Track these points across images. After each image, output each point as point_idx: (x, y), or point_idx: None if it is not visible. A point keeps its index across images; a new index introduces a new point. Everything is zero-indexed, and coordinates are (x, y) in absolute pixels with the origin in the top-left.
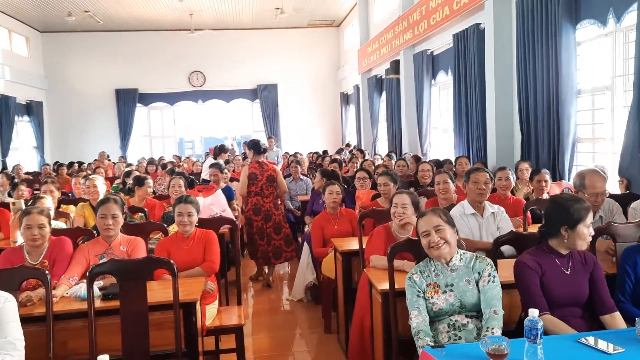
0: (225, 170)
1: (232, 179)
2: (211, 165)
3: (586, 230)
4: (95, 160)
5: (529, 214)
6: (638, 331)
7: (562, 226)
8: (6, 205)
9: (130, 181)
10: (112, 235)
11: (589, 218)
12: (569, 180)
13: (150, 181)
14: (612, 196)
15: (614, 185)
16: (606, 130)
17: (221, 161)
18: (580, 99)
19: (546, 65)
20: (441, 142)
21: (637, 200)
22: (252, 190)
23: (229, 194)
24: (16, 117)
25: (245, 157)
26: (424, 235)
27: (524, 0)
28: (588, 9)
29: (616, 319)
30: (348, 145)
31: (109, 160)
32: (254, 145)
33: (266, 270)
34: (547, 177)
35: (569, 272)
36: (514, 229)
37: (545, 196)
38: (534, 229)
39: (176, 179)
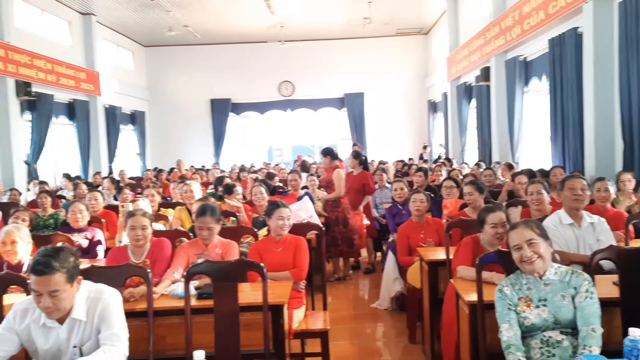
0: (314, 179)
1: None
2: (290, 172)
3: None
4: (157, 168)
5: (631, 227)
6: None
7: None
8: (113, 208)
9: (221, 188)
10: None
11: None
12: None
13: (239, 188)
14: None
15: None
16: None
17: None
18: None
19: None
20: (533, 151)
21: None
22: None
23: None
24: (121, 126)
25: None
26: (515, 249)
27: (627, 3)
28: None
29: None
30: (425, 147)
31: (195, 169)
32: (330, 152)
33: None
34: None
35: None
36: (614, 243)
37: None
38: (636, 243)
39: (257, 187)
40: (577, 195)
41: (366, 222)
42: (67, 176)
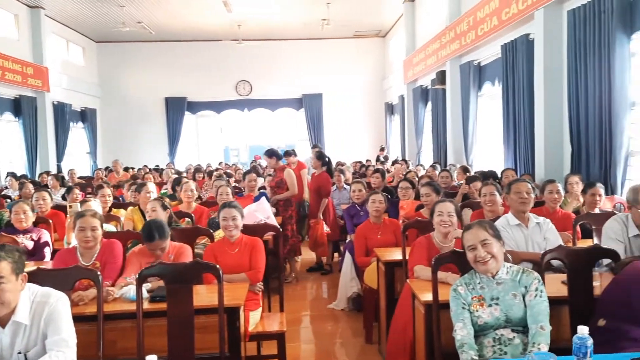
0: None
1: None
2: (247, 172)
3: None
4: (108, 168)
5: (578, 228)
6: None
7: None
8: (62, 208)
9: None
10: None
11: None
12: (621, 195)
13: (191, 184)
14: None
15: None
16: None
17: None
18: (634, 111)
19: (598, 76)
20: (487, 153)
21: None
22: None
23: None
24: (71, 124)
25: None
26: (470, 249)
27: (576, 11)
28: None
29: None
30: (382, 149)
31: (149, 169)
32: (275, 153)
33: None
34: (601, 191)
35: None
36: (561, 242)
37: (597, 211)
38: (583, 243)
39: (224, 187)
40: (523, 199)
41: (326, 229)
42: (12, 175)
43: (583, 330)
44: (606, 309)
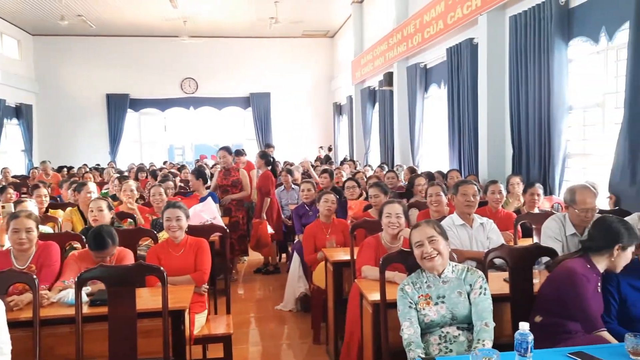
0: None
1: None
2: (192, 172)
3: (631, 254)
4: (34, 168)
5: (519, 227)
6: (627, 347)
7: (617, 244)
8: None
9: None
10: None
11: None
12: (559, 195)
13: (131, 183)
14: (601, 212)
15: (602, 202)
16: (596, 147)
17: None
18: (572, 115)
19: (538, 81)
20: (433, 154)
21: (625, 216)
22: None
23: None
24: (5, 120)
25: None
26: (417, 246)
27: (517, 17)
28: (580, 26)
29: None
30: (330, 149)
31: (89, 168)
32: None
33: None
34: (540, 191)
35: (599, 291)
36: (503, 241)
37: (536, 210)
38: (524, 242)
39: (156, 187)
40: (469, 201)
41: (270, 230)
42: None
43: (524, 326)
44: (542, 306)
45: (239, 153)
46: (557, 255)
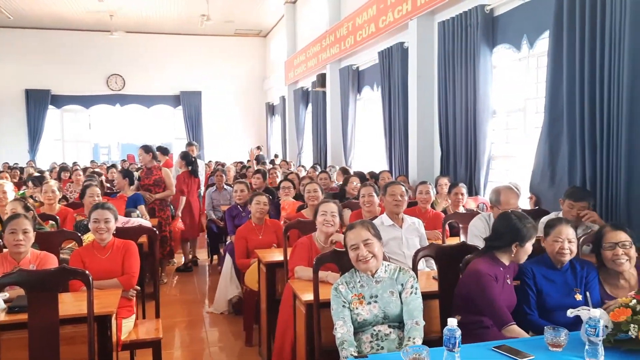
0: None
1: None
2: (119, 171)
3: (530, 246)
4: None
5: (447, 227)
6: (546, 339)
7: (514, 242)
8: None
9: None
10: (22, 251)
11: (535, 236)
12: (484, 196)
13: (52, 183)
14: (523, 212)
15: (524, 202)
16: (518, 149)
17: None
18: (496, 119)
19: (465, 85)
20: (365, 155)
21: (544, 215)
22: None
23: (136, 200)
24: None
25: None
26: (352, 249)
27: (446, 23)
28: (504, 34)
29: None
30: (259, 148)
31: (9, 167)
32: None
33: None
34: (464, 190)
35: (509, 283)
36: (432, 241)
37: (461, 209)
38: (452, 241)
39: (92, 188)
40: (397, 201)
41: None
42: None
43: (452, 322)
44: (458, 305)
45: (165, 151)
46: None
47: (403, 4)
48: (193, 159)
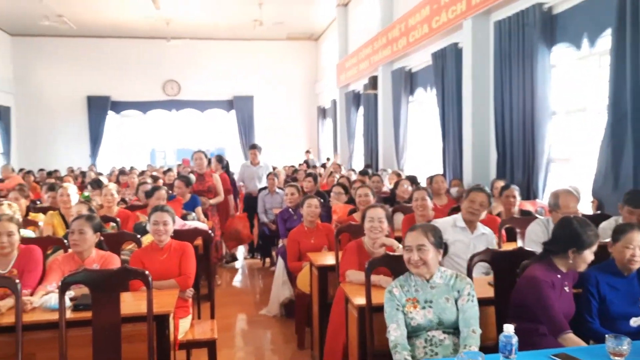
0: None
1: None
2: (177, 178)
3: (591, 255)
4: (23, 169)
5: (503, 231)
6: (608, 348)
7: (571, 249)
8: None
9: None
10: (79, 251)
11: (596, 244)
12: (543, 200)
13: (112, 187)
14: (584, 217)
15: (585, 206)
16: (580, 152)
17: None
18: (555, 120)
19: (522, 85)
20: (417, 158)
21: (606, 220)
22: None
23: (194, 204)
24: None
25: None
26: (406, 250)
27: (502, 22)
28: (563, 32)
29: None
30: (308, 152)
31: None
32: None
33: None
34: (516, 193)
35: (567, 290)
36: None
37: (515, 210)
38: (508, 246)
39: (160, 191)
40: (474, 209)
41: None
42: None
43: (509, 328)
44: (513, 312)
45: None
46: None
47: (457, 4)
48: (226, 161)
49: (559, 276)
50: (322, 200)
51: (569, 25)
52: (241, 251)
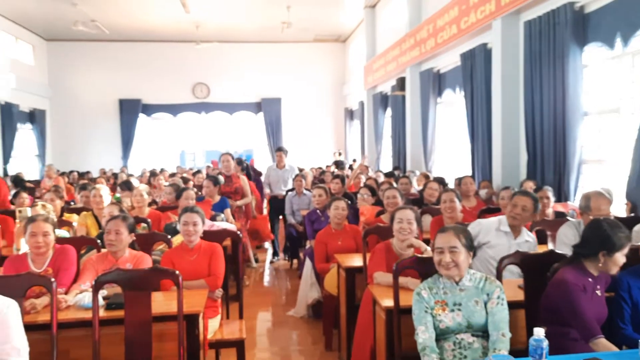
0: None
1: None
2: (206, 178)
3: (622, 258)
4: (58, 171)
5: (534, 233)
6: None
7: (601, 251)
8: (10, 213)
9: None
10: (114, 250)
11: (628, 247)
12: (574, 202)
13: (142, 187)
14: (616, 219)
15: (619, 208)
16: (612, 153)
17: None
18: (587, 120)
19: (553, 86)
20: (446, 160)
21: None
22: None
23: (222, 205)
24: (19, 125)
25: None
26: (437, 251)
27: (532, 22)
28: (595, 32)
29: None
30: (340, 153)
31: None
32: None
33: None
34: (550, 194)
35: (599, 294)
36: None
37: (549, 212)
38: (539, 249)
39: (188, 191)
40: (516, 213)
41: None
42: None
43: (539, 332)
44: (544, 316)
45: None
46: None
47: (486, 4)
48: (246, 164)
49: (590, 279)
50: (349, 202)
51: (602, 24)
52: (267, 254)
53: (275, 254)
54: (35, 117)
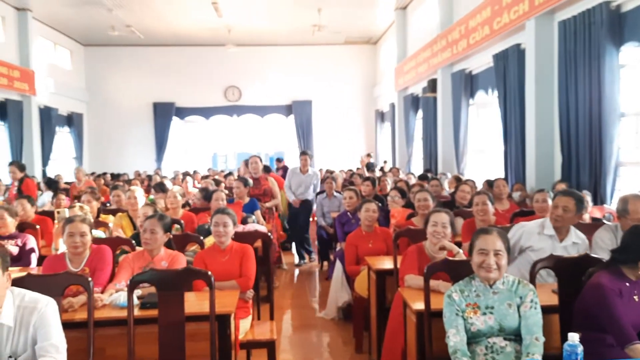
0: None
1: None
2: (236, 179)
3: None
4: (94, 173)
5: None
6: None
7: None
8: (49, 214)
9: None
10: (150, 249)
11: None
12: (611, 205)
13: (176, 189)
14: None
15: None
16: None
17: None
18: (624, 122)
19: (588, 87)
20: (478, 162)
21: None
22: None
23: (252, 206)
24: (57, 128)
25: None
26: (479, 253)
27: (567, 22)
28: (632, 31)
29: None
30: (369, 155)
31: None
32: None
33: None
34: (588, 198)
35: (637, 300)
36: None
37: (586, 217)
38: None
39: (218, 193)
40: (556, 216)
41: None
42: None
43: (573, 337)
44: (578, 321)
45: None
46: None
47: (519, 4)
48: (266, 166)
49: (627, 284)
50: (380, 205)
51: (638, 24)
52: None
53: (301, 257)
54: (72, 121)
